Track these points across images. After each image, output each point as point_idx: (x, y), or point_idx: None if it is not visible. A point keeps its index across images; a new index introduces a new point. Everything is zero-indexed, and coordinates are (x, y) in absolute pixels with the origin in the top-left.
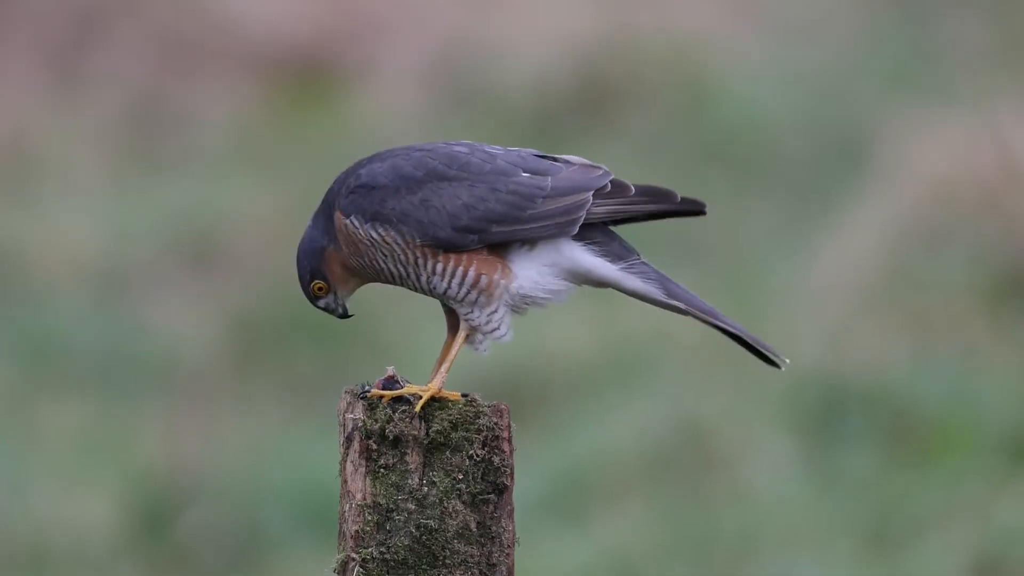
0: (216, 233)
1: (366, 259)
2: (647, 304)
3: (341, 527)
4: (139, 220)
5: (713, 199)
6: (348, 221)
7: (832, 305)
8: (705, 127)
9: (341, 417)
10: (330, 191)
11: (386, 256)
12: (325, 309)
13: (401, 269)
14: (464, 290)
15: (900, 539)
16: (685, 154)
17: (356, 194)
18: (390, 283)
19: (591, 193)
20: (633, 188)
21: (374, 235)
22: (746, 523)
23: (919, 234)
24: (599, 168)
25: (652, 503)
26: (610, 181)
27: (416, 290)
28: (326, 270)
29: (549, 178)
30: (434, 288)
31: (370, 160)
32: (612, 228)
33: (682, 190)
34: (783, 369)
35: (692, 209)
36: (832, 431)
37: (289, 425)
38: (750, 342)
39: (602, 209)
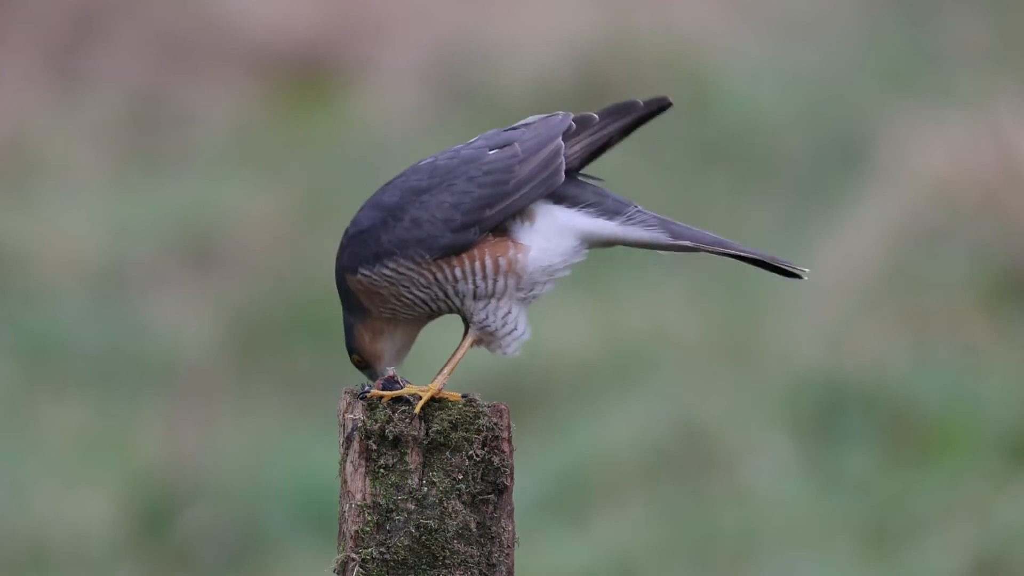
0: (216, 232)
1: (394, 302)
2: (657, 251)
3: (341, 527)
4: (139, 219)
5: (712, 198)
6: (359, 276)
7: (832, 304)
8: (705, 127)
9: (341, 417)
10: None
11: (408, 287)
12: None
13: (428, 292)
14: (490, 282)
15: (900, 538)
16: (685, 153)
17: (350, 248)
18: (433, 313)
19: (559, 138)
20: (596, 116)
21: (387, 273)
22: (746, 522)
23: (919, 233)
24: (557, 114)
25: (652, 503)
26: (572, 120)
27: (453, 309)
28: (358, 346)
29: (516, 144)
30: (464, 296)
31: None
32: (601, 182)
33: (682, 189)
34: (805, 278)
35: (658, 107)
36: (832, 430)
37: (289, 425)
38: (767, 261)
39: (576, 148)
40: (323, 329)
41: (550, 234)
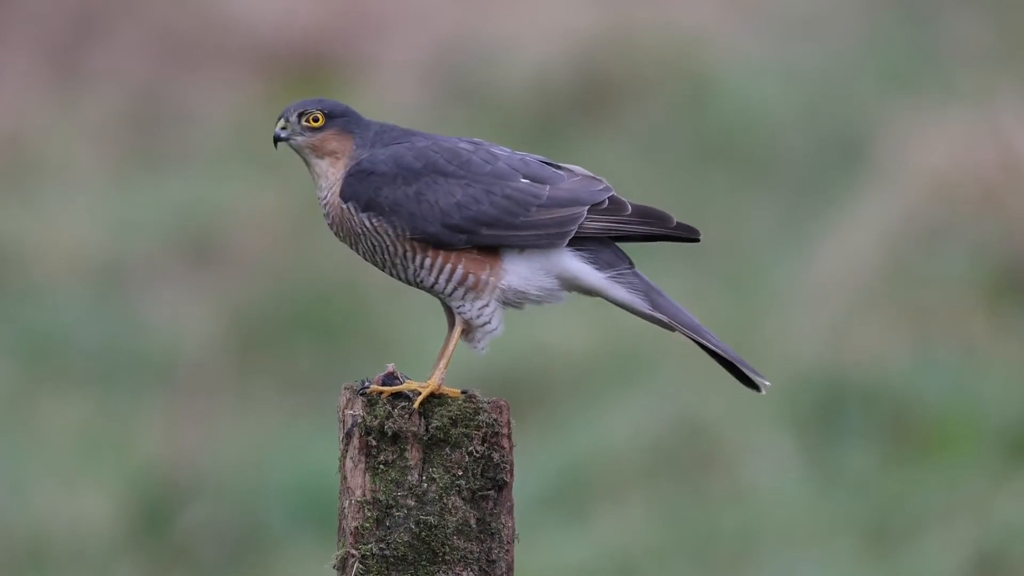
0: (216, 230)
1: (356, 243)
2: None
3: (341, 523)
4: (139, 217)
5: (712, 196)
6: (346, 206)
7: (832, 302)
8: (705, 124)
9: (340, 413)
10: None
11: (374, 245)
12: (279, 133)
13: (388, 259)
14: (452, 286)
15: (900, 536)
16: (685, 151)
17: (354, 178)
18: (373, 264)
19: (586, 208)
20: (630, 207)
21: (367, 224)
22: (746, 520)
23: (919, 231)
24: (600, 182)
25: (652, 500)
26: (608, 197)
27: (401, 280)
28: (325, 140)
29: (547, 187)
30: (421, 281)
31: (394, 138)
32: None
33: (682, 187)
34: (763, 392)
35: (686, 235)
36: (832, 428)
37: (289, 421)
38: (734, 363)
39: (595, 225)
40: (323, 327)
41: (534, 266)
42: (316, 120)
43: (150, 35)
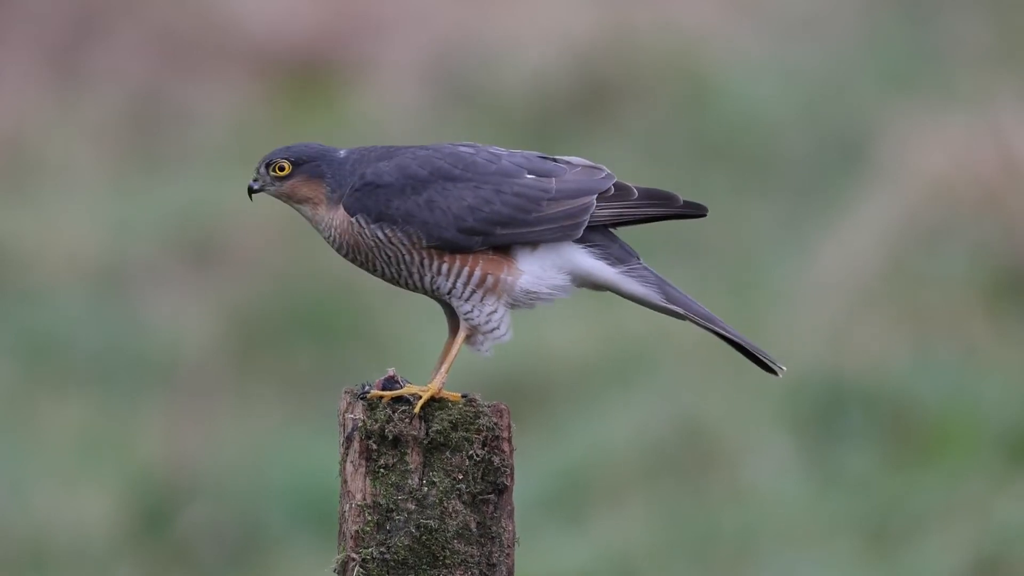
0: (216, 231)
1: (365, 256)
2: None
3: (341, 527)
4: (139, 217)
5: (713, 197)
6: (354, 220)
7: (832, 303)
8: (705, 125)
9: (341, 417)
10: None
11: (389, 256)
12: (252, 185)
13: (404, 269)
14: (469, 289)
15: (900, 537)
16: (685, 152)
17: (361, 192)
18: (389, 281)
19: (595, 196)
20: (636, 191)
21: (380, 236)
22: (746, 522)
23: (919, 232)
24: (602, 170)
25: (652, 502)
26: (613, 184)
27: (412, 289)
28: (295, 187)
29: (554, 180)
30: (438, 288)
31: (379, 156)
32: (612, 230)
33: (682, 188)
34: (780, 376)
35: (693, 212)
36: (832, 429)
37: (289, 423)
38: (748, 348)
39: (605, 212)
40: (323, 327)
41: (547, 264)
42: (282, 169)
43: (150, 35)
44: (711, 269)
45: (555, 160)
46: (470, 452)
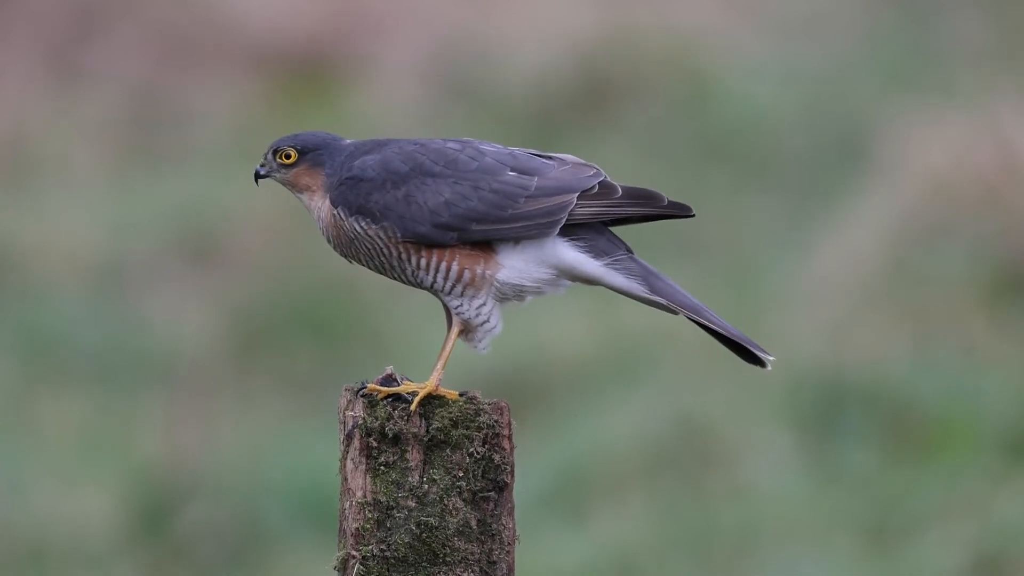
0: (216, 229)
1: (348, 247)
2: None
3: (341, 524)
4: (139, 216)
5: (713, 195)
6: (336, 211)
7: (832, 301)
8: (705, 124)
9: (341, 415)
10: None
11: (369, 249)
12: (259, 170)
13: (385, 262)
14: (450, 283)
15: (899, 535)
16: (685, 150)
17: (345, 186)
18: (376, 271)
19: (576, 195)
20: (620, 190)
21: (357, 228)
22: (745, 519)
23: (919, 230)
24: (591, 168)
25: (652, 499)
26: (599, 183)
27: (403, 282)
28: (297, 176)
29: (535, 178)
30: (421, 281)
31: (369, 149)
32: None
33: (682, 187)
34: (768, 368)
35: (679, 212)
36: (831, 427)
37: (289, 421)
38: (735, 340)
39: (586, 211)
40: (323, 327)
41: (529, 258)
42: (288, 157)
43: (150, 33)
44: (711, 267)
45: (549, 157)
46: (470, 449)
